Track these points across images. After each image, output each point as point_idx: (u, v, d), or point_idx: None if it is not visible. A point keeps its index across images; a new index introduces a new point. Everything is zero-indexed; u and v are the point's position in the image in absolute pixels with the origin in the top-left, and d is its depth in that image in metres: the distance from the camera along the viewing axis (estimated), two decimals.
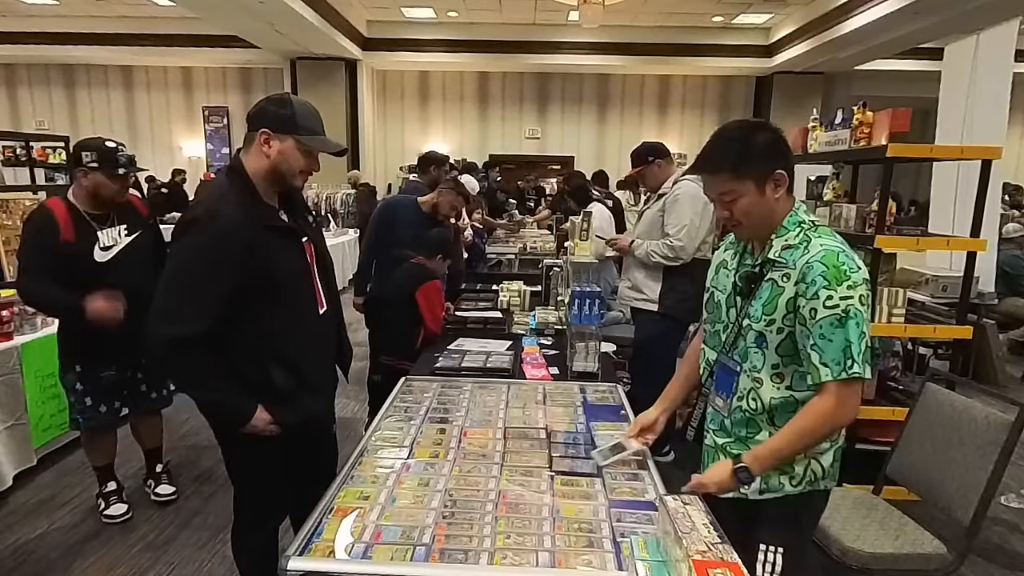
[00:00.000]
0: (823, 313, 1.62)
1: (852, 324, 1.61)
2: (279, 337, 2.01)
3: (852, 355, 1.61)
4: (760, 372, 1.77)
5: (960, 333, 3.62)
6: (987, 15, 6.02)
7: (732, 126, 1.81)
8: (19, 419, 3.72)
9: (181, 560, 3.12)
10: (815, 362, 1.65)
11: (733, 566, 1.34)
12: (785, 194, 1.74)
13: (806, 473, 1.78)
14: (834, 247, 1.67)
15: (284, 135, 1.96)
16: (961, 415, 2.48)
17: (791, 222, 1.75)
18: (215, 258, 1.87)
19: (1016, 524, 3.58)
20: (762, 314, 1.74)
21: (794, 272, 1.68)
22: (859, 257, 1.71)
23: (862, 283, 1.64)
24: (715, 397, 1.92)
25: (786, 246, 1.73)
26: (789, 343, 1.72)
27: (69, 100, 14.70)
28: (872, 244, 3.37)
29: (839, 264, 1.63)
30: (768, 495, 1.80)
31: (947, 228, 5.08)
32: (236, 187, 1.98)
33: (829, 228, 1.78)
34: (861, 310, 1.63)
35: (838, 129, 3.86)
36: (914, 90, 10.96)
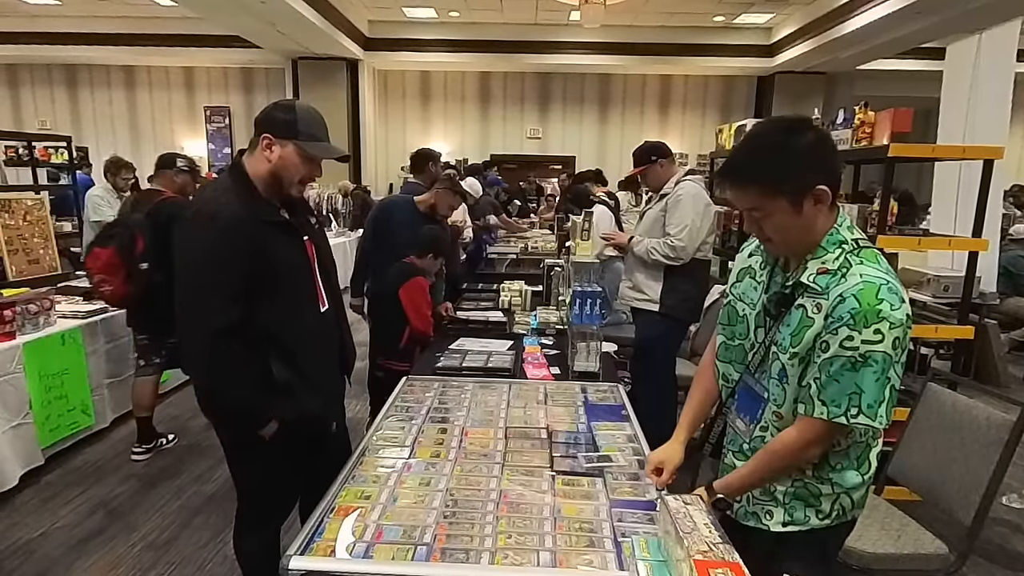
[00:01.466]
0: (836, 351, 1.44)
1: (870, 371, 1.42)
2: (277, 330, 2.00)
3: (860, 404, 1.44)
4: (782, 408, 1.59)
5: (962, 333, 3.62)
6: (989, 15, 6.01)
7: (768, 128, 1.60)
8: (24, 418, 3.72)
9: (182, 560, 3.12)
10: (811, 393, 1.50)
11: (734, 566, 1.34)
12: (827, 212, 1.52)
13: (834, 507, 1.62)
14: (875, 280, 1.43)
15: (285, 140, 1.97)
16: (963, 415, 2.47)
17: (831, 242, 1.53)
18: (227, 250, 1.88)
19: (1018, 524, 3.57)
20: (788, 344, 1.54)
21: (826, 303, 1.47)
22: (902, 292, 1.46)
23: (899, 325, 1.41)
24: (736, 418, 1.77)
25: (822, 270, 1.50)
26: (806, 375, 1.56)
27: (71, 100, 14.71)
28: (874, 244, 3.36)
29: (875, 302, 1.41)
30: (792, 528, 1.65)
31: (949, 228, 5.08)
32: (236, 185, 2.00)
33: (875, 251, 1.53)
34: (889, 355, 1.42)
35: (840, 129, 3.85)
36: (916, 90, 10.96)
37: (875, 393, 1.44)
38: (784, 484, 1.64)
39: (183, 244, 1.96)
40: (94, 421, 4.29)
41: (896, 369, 1.45)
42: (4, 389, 3.62)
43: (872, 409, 1.44)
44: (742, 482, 1.65)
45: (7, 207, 5.00)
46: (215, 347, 1.89)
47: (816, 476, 1.62)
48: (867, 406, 1.44)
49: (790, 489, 1.64)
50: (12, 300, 3.83)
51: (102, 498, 3.66)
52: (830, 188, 1.49)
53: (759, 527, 1.68)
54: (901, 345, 1.44)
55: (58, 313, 4.19)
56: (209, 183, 2.16)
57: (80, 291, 4.80)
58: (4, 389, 3.62)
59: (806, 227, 1.51)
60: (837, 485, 1.61)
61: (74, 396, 4.09)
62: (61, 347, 4.00)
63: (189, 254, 1.94)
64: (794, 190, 1.47)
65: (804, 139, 1.48)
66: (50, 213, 5.62)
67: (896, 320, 1.41)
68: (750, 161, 1.54)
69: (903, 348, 1.45)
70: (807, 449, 1.54)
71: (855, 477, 1.61)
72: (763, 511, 1.68)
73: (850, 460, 1.60)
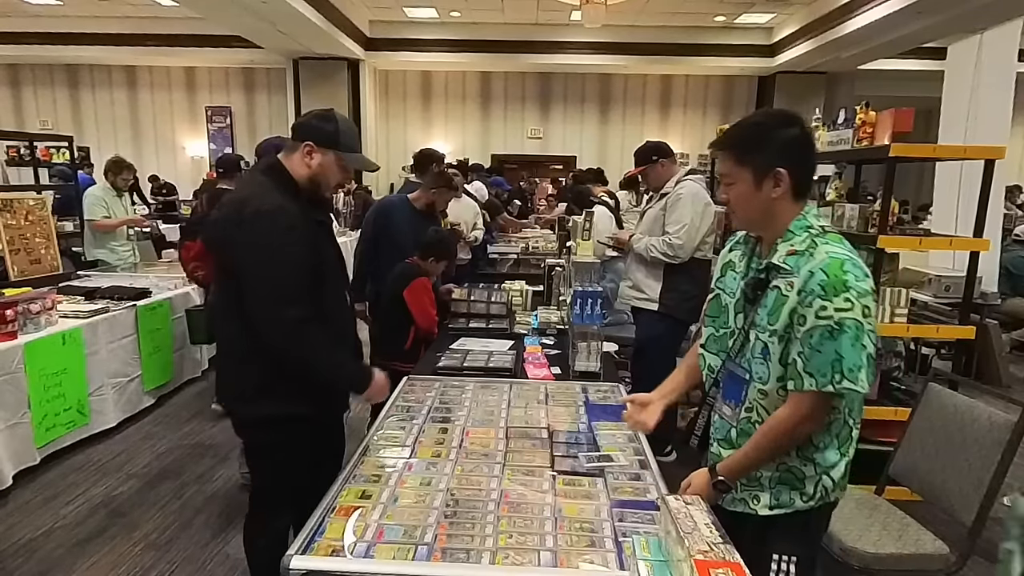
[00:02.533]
0: (814, 323, 1.56)
1: (846, 337, 1.53)
2: (326, 319, 2.11)
3: (842, 369, 1.54)
4: (766, 385, 1.68)
5: (963, 333, 3.61)
6: (990, 15, 6.00)
7: (764, 113, 1.80)
8: (21, 418, 3.73)
9: (183, 559, 3.12)
10: (799, 369, 1.60)
11: (735, 566, 1.34)
12: (790, 197, 1.66)
13: (817, 489, 1.71)
14: (840, 255, 1.58)
15: (326, 149, 2.10)
16: (964, 415, 2.47)
17: (798, 226, 1.67)
18: (295, 245, 2.01)
19: None
20: (767, 323, 1.66)
21: (797, 280, 1.60)
22: (864, 268, 1.62)
23: (867, 293, 1.56)
24: (722, 405, 1.85)
25: (791, 252, 1.65)
26: (788, 353, 1.65)
27: (73, 100, 14.72)
28: (875, 244, 3.37)
29: (841, 273, 1.55)
30: (779, 511, 1.73)
31: (950, 228, 5.08)
32: (280, 185, 2.08)
33: (839, 235, 1.70)
34: (861, 322, 1.54)
35: (841, 129, 3.85)
36: (917, 90, 10.95)
37: (854, 358, 1.54)
38: (769, 469, 1.72)
39: (253, 242, 1.99)
40: (90, 420, 4.29)
41: (870, 337, 1.56)
42: (4, 389, 3.62)
43: (853, 373, 1.55)
44: (743, 463, 1.72)
45: (9, 207, 5.01)
46: (299, 333, 2.01)
47: (800, 457, 1.70)
48: (848, 371, 1.54)
49: (775, 474, 1.72)
50: (14, 300, 3.83)
51: (104, 497, 3.66)
52: (791, 176, 1.64)
53: (747, 512, 1.76)
54: (870, 314, 1.56)
55: (59, 313, 4.19)
56: (248, 182, 2.25)
57: (81, 291, 4.81)
58: (4, 389, 3.62)
59: (763, 206, 1.68)
60: (819, 466, 1.70)
61: (71, 395, 4.10)
62: (62, 347, 4.00)
63: (262, 251, 1.99)
64: (758, 165, 1.64)
65: (786, 130, 1.65)
66: (52, 213, 5.63)
67: (862, 290, 1.55)
68: (736, 131, 1.74)
69: (873, 317, 1.58)
70: (801, 424, 1.63)
71: (835, 455, 1.70)
72: (751, 496, 1.76)
73: (831, 437, 1.69)
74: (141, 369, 4.79)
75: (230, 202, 2.10)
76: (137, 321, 4.73)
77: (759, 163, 1.64)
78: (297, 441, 2.17)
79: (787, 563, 1.73)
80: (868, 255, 3.53)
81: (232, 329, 2.13)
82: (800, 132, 1.66)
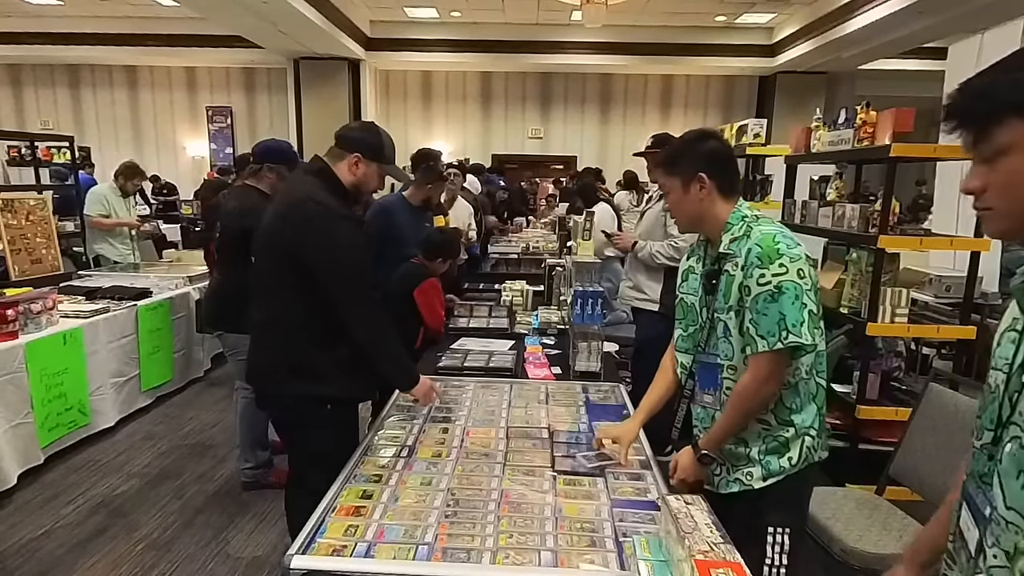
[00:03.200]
0: (757, 290, 1.78)
1: (786, 298, 1.74)
2: None
3: (787, 326, 1.74)
4: (734, 360, 1.89)
5: (963, 333, 3.61)
6: (991, 14, 5.99)
7: (689, 132, 2.05)
8: (25, 417, 3.73)
9: (184, 558, 3.13)
10: (752, 334, 1.80)
11: (735, 566, 1.34)
12: (717, 196, 1.92)
13: (801, 451, 1.88)
14: (770, 231, 1.83)
15: (372, 162, 2.40)
16: (965, 415, 2.47)
17: (735, 217, 1.91)
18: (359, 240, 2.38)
19: None
20: (724, 304, 1.88)
21: (740, 259, 1.83)
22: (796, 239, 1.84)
23: (799, 258, 1.77)
24: (702, 395, 2.02)
25: (733, 239, 1.89)
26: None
27: (74, 100, 14.71)
28: (875, 244, 3.37)
29: (774, 245, 1.78)
30: (771, 480, 1.88)
31: (951, 228, 5.07)
32: (328, 186, 2.33)
33: (770, 219, 1.94)
34: (798, 283, 1.75)
35: (841, 129, 3.85)
36: (918, 90, 10.92)
37: (795, 315, 1.74)
38: (756, 443, 1.90)
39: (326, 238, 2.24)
40: (91, 420, 4.29)
41: (809, 296, 1.77)
42: (6, 388, 3.63)
43: (796, 328, 1.74)
44: (719, 431, 1.90)
45: (10, 207, 5.01)
46: (377, 315, 2.32)
47: (779, 423, 1.88)
48: (791, 326, 1.74)
49: (762, 446, 1.89)
50: (15, 300, 3.84)
51: (104, 497, 3.67)
52: (711, 179, 1.91)
53: (743, 490, 1.91)
54: (807, 275, 1.77)
55: (60, 313, 4.19)
56: (301, 182, 2.42)
57: (82, 291, 4.81)
58: (6, 388, 3.63)
59: (694, 206, 1.94)
60: (799, 427, 1.88)
61: (72, 395, 4.10)
62: (63, 347, 4.01)
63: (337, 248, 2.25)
64: (683, 173, 1.93)
65: (704, 143, 1.96)
66: (52, 213, 5.64)
67: (794, 255, 1.77)
68: (665, 150, 2.09)
69: (810, 279, 1.78)
70: (764, 384, 1.81)
71: (810, 413, 1.89)
72: (744, 474, 1.91)
73: (802, 396, 1.88)
74: (139, 369, 4.80)
75: (287, 198, 2.37)
76: (137, 321, 4.73)
77: (683, 171, 1.93)
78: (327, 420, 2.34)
79: (781, 535, 1.88)
80: (869, 255, 3.53)
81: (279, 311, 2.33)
82: (716, 143, 1.98)
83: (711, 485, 1.97)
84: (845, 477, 3.40)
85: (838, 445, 3.74)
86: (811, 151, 4.21)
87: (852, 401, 3.60)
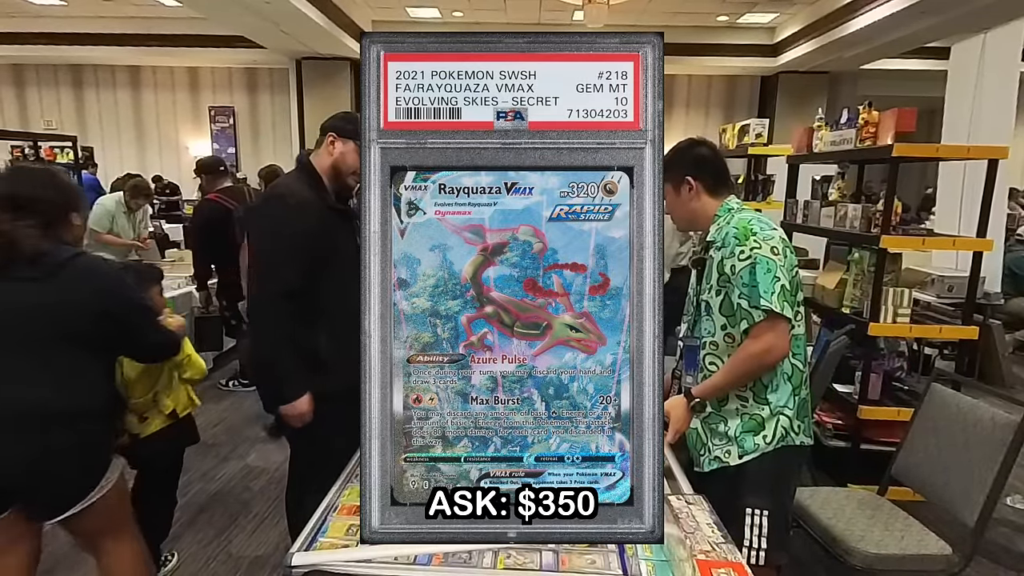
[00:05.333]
0: (739, 265, 1.95)
1: (760, 268, 1.91)
2: (333, 308, 2.26)
3: (760, 293, 1.89)
4: (715, 337, 2.06)
5: (966, 333, 3.61)
6: (994, 14, 5.99)
7: (679, 143, 2.20)
8: None
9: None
10: (746, 308, 1.95)
11: (737, 566, 1.35)
12: (706, 195, 2.12)
13: (776, 430, 2.02)
14: (748, 217, 2.03)
15: (347, 139, 2.37)
16: (967, 416, 2.47)
17: (722, 210, 2.11)
18: (296, 226, 2.23)
19: (1022, 525, 3.57)
20: (706, 285, 2.08)
21: (719, 242, 2.03)
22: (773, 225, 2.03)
23: (772, 238, 1.95)
24: (685, 376, 2.17)
25: (718, 227, 2.08)
26: (728, 303, 2.01)
27: (77, 100, 14.75)
28: (878, 244, 3.37)
29: (748, 226, 1.98)
30: (747, 458, 2.03)
31: (953, 228, 5.07)
32: (304, 176, 2.37)
33: (750, 209, 2.14)
34: (771, 259, 1.92)
35: (843, 128, 3.85)
36: (920, 89, 10.93)
37: (767, 284, 1.90)
38: (734, 421, 2.05)
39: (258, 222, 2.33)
40: None
41: (782, 271, 1.91)
42: None
43: (768, 294, 1.89)
44: (717, 384, 2.03)
45: None
46: (277, 307, 2.20)
47: (757, 401, 2.03)
48: (764, 291, 1.89)
49: (739, 424, 2.04)
50: None
51: None
52: (698, 180, 2.11)
53: (722, 467, 2.05)
54: (780, 253, 1.94)
55: None
56: (282, 177, 2.54)
57: None
58: None
59: (687, 206, 2.14)
60: (774, 406, 2.02)
61: None
62: None
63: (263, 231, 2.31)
64: (673, 178, 2.11)
65: (690, 150, 2.16)
66: None
67: (767, 236, 1.95)
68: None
69: (784, 257, 1.94)
70: (766, 352, 1.93)
71: (786, 393, 2.03)
72: (723, 452, 2.06)
73: (777, 375, 2.03)
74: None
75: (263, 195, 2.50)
76: None
77: (673, 177, 2.11)
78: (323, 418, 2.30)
79: (759, 516, 2.01)
80: (871, 255, 3.53)
81: None
82: (701, 149, 2.16)
83: (697, 465, 2.13)
84: (847, 477, 3.40)
85: (840, 445, 3.75)
86: (813, 151, 4.21)
87: (854, 401, 3.60)
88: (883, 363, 3.72)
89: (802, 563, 3.05)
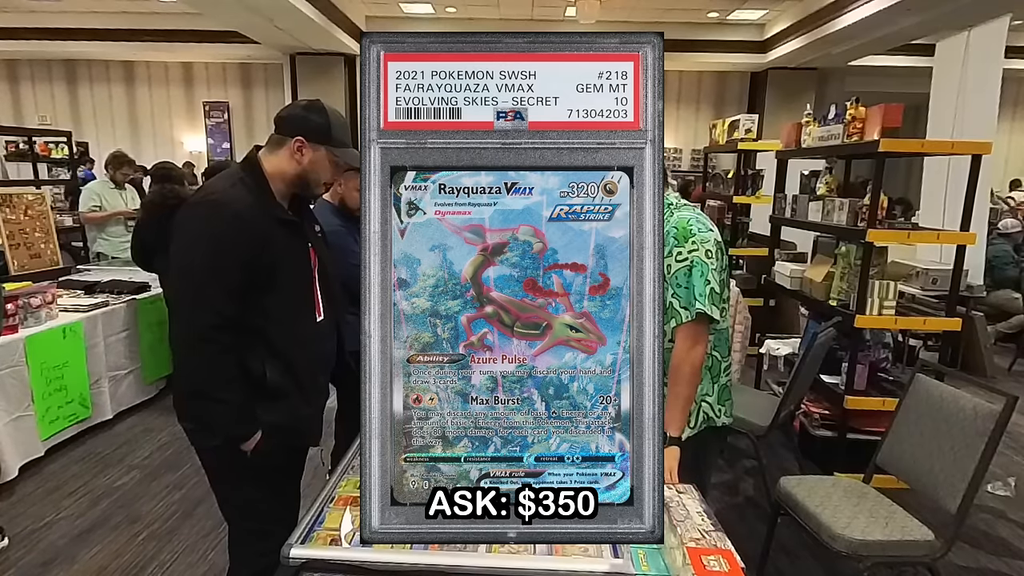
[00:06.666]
0: (676, 266, 1.99)
1: (696, 272, 1.95)
2: (275, 330, 1.95)
3: (695, 296, 1.94)
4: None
5: (949, 325, 3.67)
6: (978, 12, 6.06)
7: None
8: (26, 410, 3.77)
9: (185, 548, 3.17)
10: (676, 307, 1.98)
11: (726, 553, 1.39)
12: None
13: (698, 416, 2.11)
14: (686, 216, 2.04)
15: (318, 145, 1.97)
16: (950, 405, 2.53)
17: None
18: (230, 239, 1.84)
19: (1002, 511, 3.64)
20: None
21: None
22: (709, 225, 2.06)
23: (708, 240, 1.99)
24: None
25: None
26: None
27: (71, 95, 14.66)
28: (864, 238, 3.43)
29: (687, 227, 2.00)
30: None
31: (937, 222, 5.15)
32: (249, 179, 1.96)
33: (691, 206, 2.15)
34: (705, 262, 1.96)
35: (831, 124, 3.91)
36: (906, 86, 11.00)
37: (700, 287, 1.95)
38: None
39: (189, 235, 1.87)
40: (92, 413, 4.33)
41: (714, 275, 1.97)
42: (7, 382, 3.67)
43: (703, 297, 1.94)
44: (674, 410, 2.00)
45: (8, 202, 5.03)
46: (208, 342, 1.83)
47: None
48: (699, 295, 1.94)
49: None
50: (15, 294, 3.87)
51: (105, 489, 3.71)
52: None
53: None
54: (714, 256, 1.98)
55: (59, 307, 4.23)
56: (220, 175, 2.07)
57: (81, 285, 4.84)
58: (7, 382, 3.67)
59: None
60: (697, 396, 2.08)
61: (73, 388, 4.14)
62: (62, 340, 4.04)
63: (198, 244, 1.86)
64: None
65: None
66: (51, 207, 5.66)
67: (704, 239, 1.99)
68: None
69: (718, 260, 1.99)
70: (692, 350, 1.97)
71: (708, 384, 2.10)
72: None
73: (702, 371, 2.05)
74: (140, 362, 4.84)
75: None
76: (137, 315, 4.77)
77: None
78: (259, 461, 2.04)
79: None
80: (857, 249, 3.60)
81: None
82: None
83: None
84: (833, 466, 3.47)
85: (827, 435, 3.82)
86: (802, 146, 4.27)
87: (841, 391, 3.67)
88: (869, 354, 3.79)
89: (789, 550, 3.12)
